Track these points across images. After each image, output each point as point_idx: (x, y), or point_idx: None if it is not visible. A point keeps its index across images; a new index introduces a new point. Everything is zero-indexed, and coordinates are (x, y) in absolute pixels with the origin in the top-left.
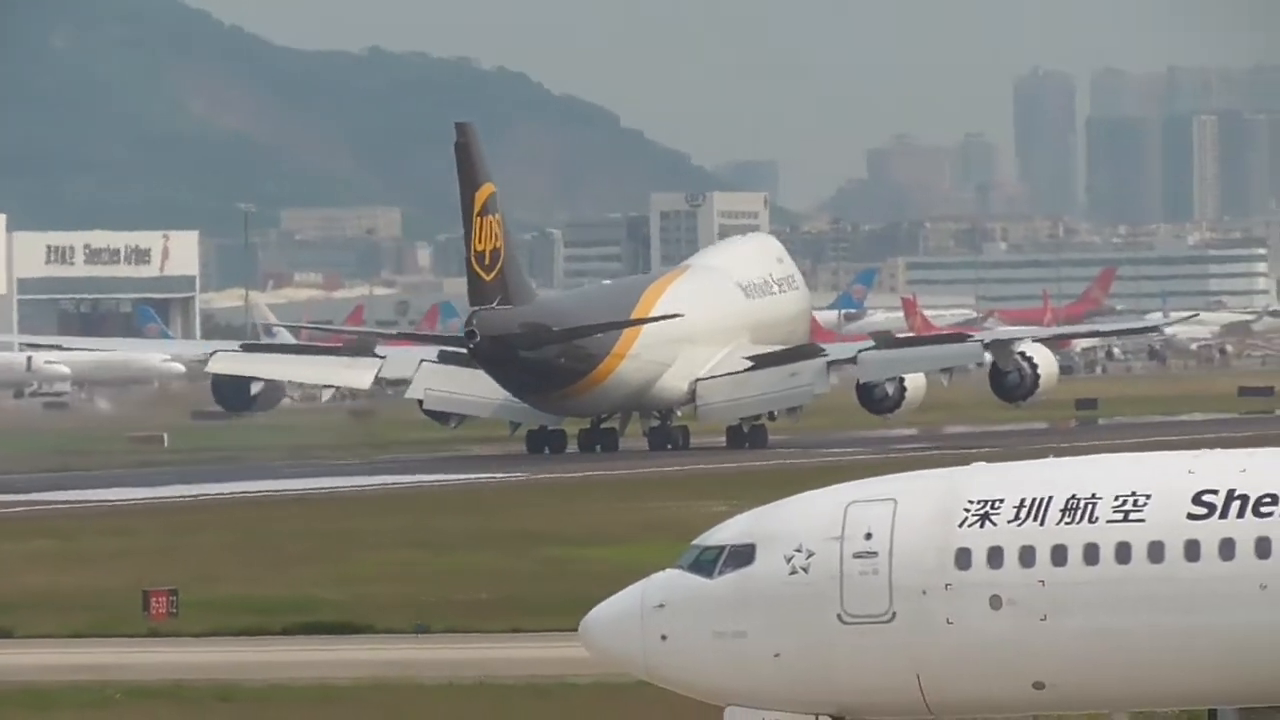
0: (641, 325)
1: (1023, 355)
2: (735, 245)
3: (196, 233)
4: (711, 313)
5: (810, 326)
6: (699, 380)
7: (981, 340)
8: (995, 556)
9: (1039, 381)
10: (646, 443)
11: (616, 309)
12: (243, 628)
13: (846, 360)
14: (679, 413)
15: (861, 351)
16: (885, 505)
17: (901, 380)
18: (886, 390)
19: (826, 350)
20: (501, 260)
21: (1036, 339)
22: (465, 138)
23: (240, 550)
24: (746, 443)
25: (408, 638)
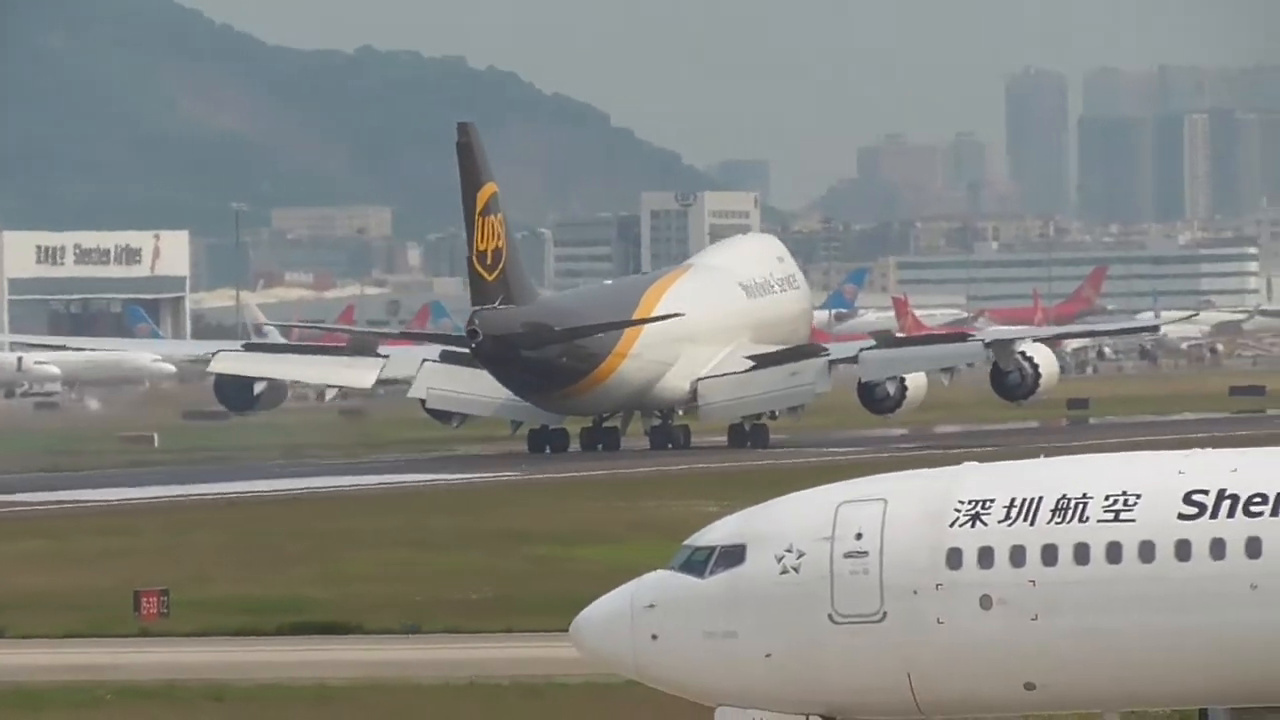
0: (643, 325)
1: (1023, 355)
2: (737, 244)
3: (187, 232)
4: (713, 312)
5: (811, 326)
6: (700, 379)
7: (983, 340)
8: (986, 556)
9: (1040, 381)
10: (648, 442)
11: (618, 308)
12: (235, 628)
13: (848, 359)
14: (680, 412)
15: (862, 351)
16: (876, 505)
17: (902, 380)
18: (888, 390)
19: (828, 349)
20: (504, 260)
21: (1037, 339)
22: (467, 137)
23: (232, 550)
24: (748, 442)
25: (400, 637)
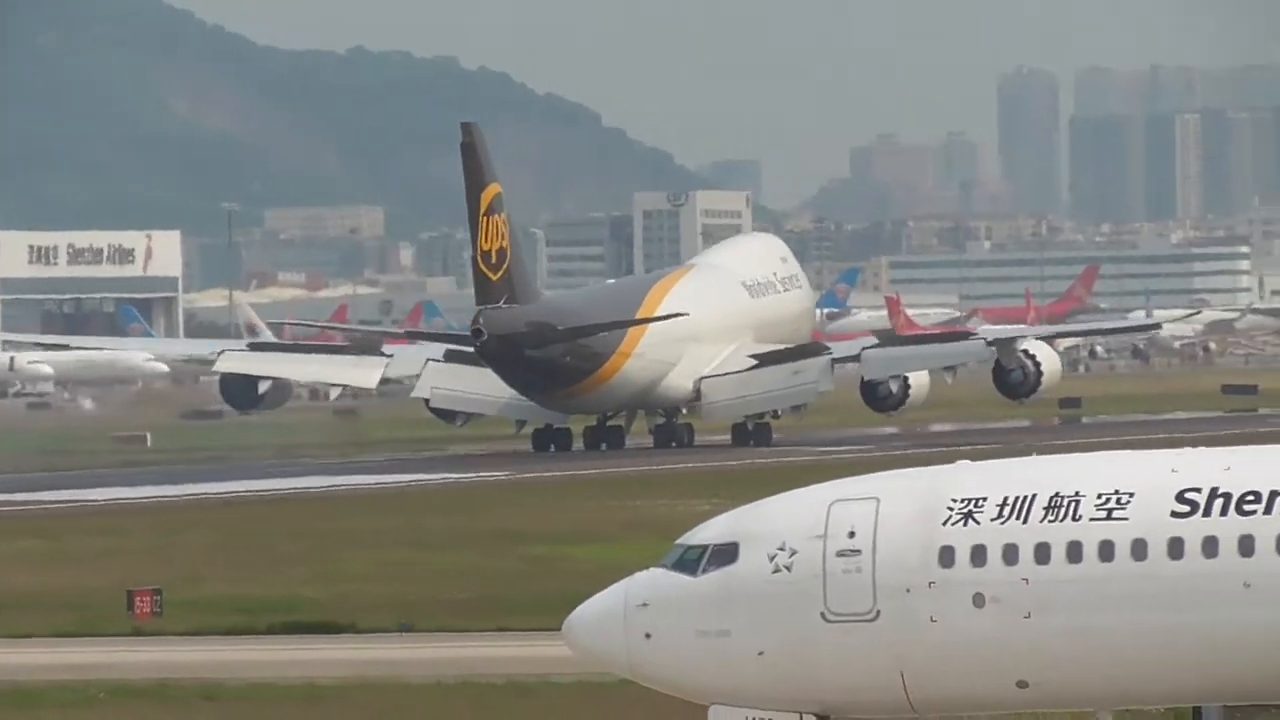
0: (647, 324)
1: (1026, 353)
2: (739, 244)
3: (179, 232)
4: (716, 311)
5: (814, 325)
6: (704, 378)
7: (985, 338)
8: (979, 555)
9: (1042, 379)
10: (652, 441)
11: (622, 308)
12: (227, 627)
13: (850, 358)
14: (684, 411)
15: (865, 349)
16: (868, 504)
17: (905, 378)
18: (890, 388)
19: (830, 348)
20: (508, 259)
21: (1040, 337)
22: (471, 137)
23: (225, 550)
24: (751, 440)
25: (392, 637)
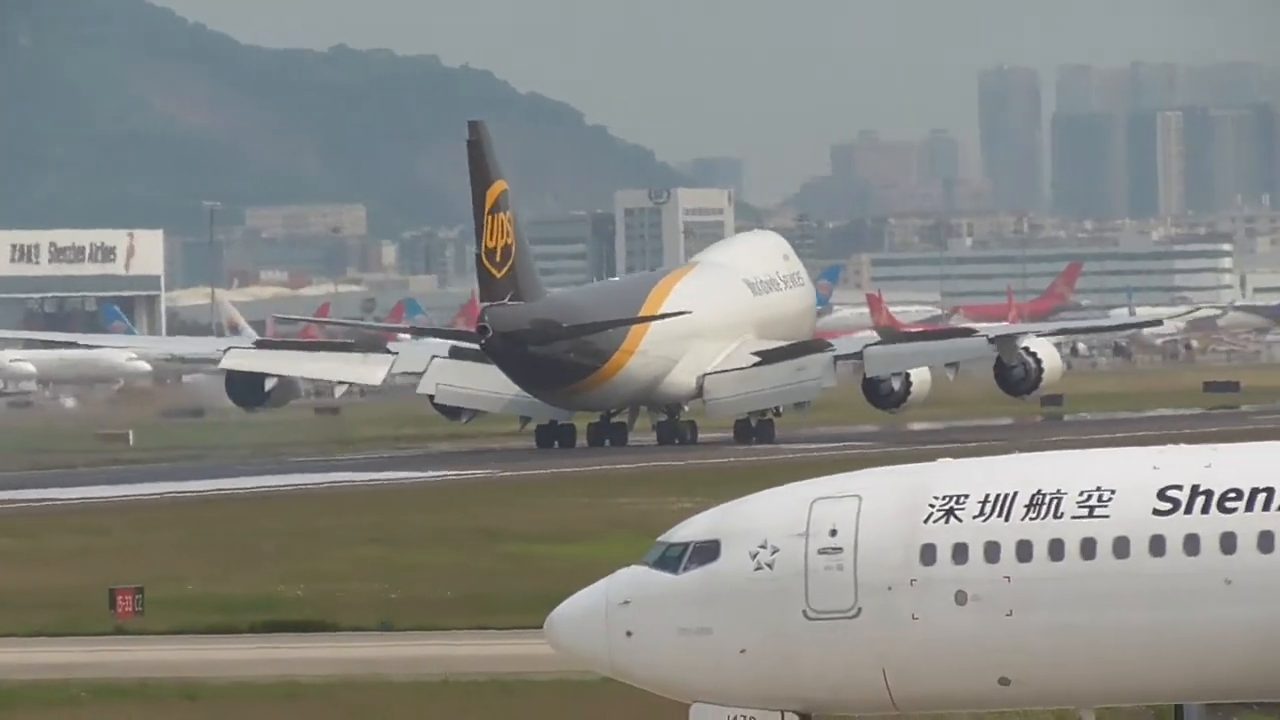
0: (650, 322)
1: (1026, 350)
2: (742, 242)
3: (161, 231)
4: (719, 309)
5: (815, 323)
6: (707, 375)
7: (987, 335)
8: (960, 552)
9: (1043, 376)
10: (655, 437)
11: (625, 305)
12: (208, 626)
13: (853, 355)
14: (687, 408)
15: (867, 346)
16: (850, 501)
17: (907, 375)
18: (893, 385)
19: (833, 345)
20: (513, 257)
21: (1041, 334)
22: (477, 136)
23: (206, 548)
24: (754, 437)
25: (373, 635)
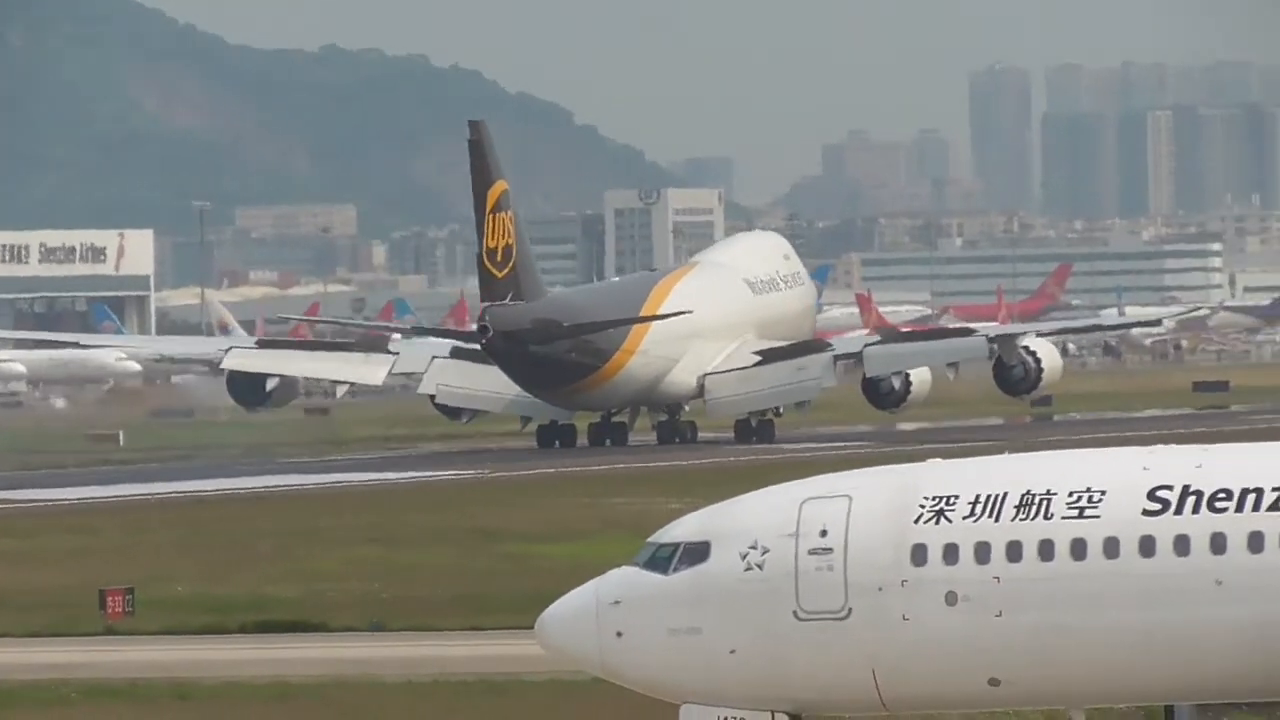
0: (651, 321)
1: (1026, 349)
2: (742, 242)
3: (151, 231)
4: (719, 309)
5: (815, 322)
6: (707, 375)
7: (986, 335)
8: (950, 553)
9: (1043, 375)
10: (655, 437)
11: (626, 305)
12: (199, 626)
13: (853, 355)
14: (687, 407)
15: (867, 346)
16: (840, 502)
17: (907, 375)
18: (893, 384)
19: (833, 345)
20: (514, 257)
21: (1041, 334)
22: (478, 135)
23: (197, 549)
24: (754, 437)
25: (364, 635)
